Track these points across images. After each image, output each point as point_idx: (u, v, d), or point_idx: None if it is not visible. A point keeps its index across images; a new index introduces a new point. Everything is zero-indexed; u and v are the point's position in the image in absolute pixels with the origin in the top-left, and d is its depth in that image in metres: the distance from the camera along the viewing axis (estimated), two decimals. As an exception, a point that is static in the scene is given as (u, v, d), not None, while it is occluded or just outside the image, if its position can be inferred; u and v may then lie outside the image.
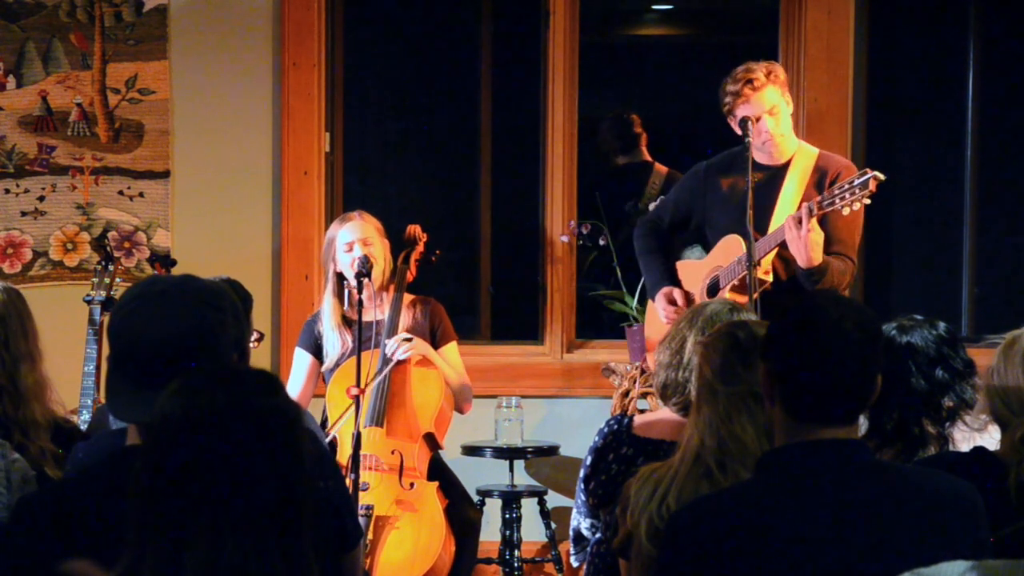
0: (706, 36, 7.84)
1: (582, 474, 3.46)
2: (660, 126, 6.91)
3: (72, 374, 4.80)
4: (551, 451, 5.49)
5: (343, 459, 4.58)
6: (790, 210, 4.74)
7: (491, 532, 5.56)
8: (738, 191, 4.86)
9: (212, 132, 5.85)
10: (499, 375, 5.35)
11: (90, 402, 4.71)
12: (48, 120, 5.83)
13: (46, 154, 5.83)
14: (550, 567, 5.76)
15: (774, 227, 4.74)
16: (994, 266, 6.38)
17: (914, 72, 6.48)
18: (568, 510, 3.78)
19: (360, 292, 4.67)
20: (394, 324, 4.92)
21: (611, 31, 7.65)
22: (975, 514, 2.48)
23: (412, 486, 4.75)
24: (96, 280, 5.02)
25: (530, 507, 5.60)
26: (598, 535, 3.43)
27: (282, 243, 5.85)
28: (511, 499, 5.50)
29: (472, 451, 5.50)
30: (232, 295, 2.47)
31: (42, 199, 5.83)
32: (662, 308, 4.95)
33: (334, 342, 4.98)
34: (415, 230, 5.13)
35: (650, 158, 6.65)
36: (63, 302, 5.58)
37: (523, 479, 5.51)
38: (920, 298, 6.29)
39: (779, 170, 4.86)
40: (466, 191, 6.51)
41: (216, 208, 5.85)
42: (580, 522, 3.52)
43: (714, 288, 4.86)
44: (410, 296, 5.05)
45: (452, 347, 5.05)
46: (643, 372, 5.48)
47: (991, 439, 3.12)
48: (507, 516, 5.48)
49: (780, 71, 4.83)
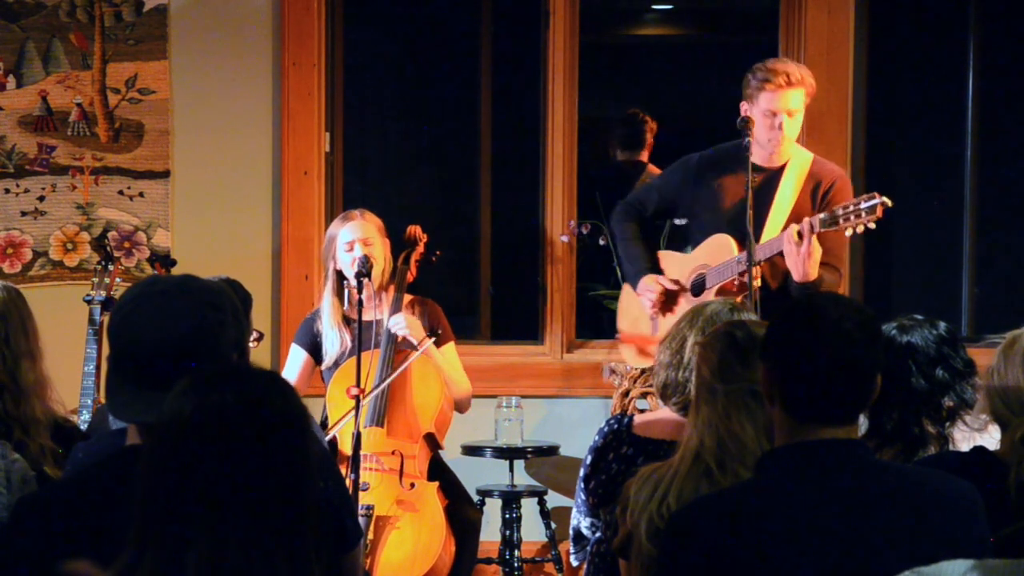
0: (706, 36, 7.85)
1: (582, 473, 3.46)
2: (660, 126, 6.91)
3: (72, 374, 4.79)
4: (551, 451, 5.49)
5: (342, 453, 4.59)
6: (784, 216, 4.74)
7: (491, 532, 5.56)
8: (730, 190, 4.86)
9: (212, 132, 5.85)
10: (499, 375, 5.36)
11: (90, 402, 4.71)
12: (48, 120, 5.83)
13: (46, 154, 5.83)
14: (550, 567, 5.76)
15: (768, 232, 4.74)
16: (994, 266, 6.38)
17: (914, 72, 6.48)
18: (568, 510, 3.78)
19: (360, 292, 4.67)
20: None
21: (611, 31, 7.65)
22: (975, 514, 2.48)
23: (412, 486, 4.75)
24: (96, 280, 5.02)
25: (530, 507, 5.61)
26: (598, 535, 3.43)
27: (282, 243, 5.85)
28: (511, 499, 5.50)
29: (472, 451, 5.50)
30: (232, 295, 2.47)
31: (42, 199, 5.83)
32: (648, 296, 4.91)
33: (333, 341, 4.98)
34: (415, 230, 5.13)
35: (646, 160, 6.66)
36: (63, 302, 5.58)
37: (523, 479, 5.51)
38: (920, 298, 6.29)
39: (775, 173, 4.85)
40: (466, 191, 6.51)
41: (216, 208, 5.85)
42: (580, 521, 3.52)
43: (699, 286, 4.84)
44: (408, 296, 5.05)
45: (451, 347, 5.05)
46: (643, 372, 5.47)
47: (991, 439, 3.12)
48: (507, 516, 5.49)
49: (813, 80, 4.85)
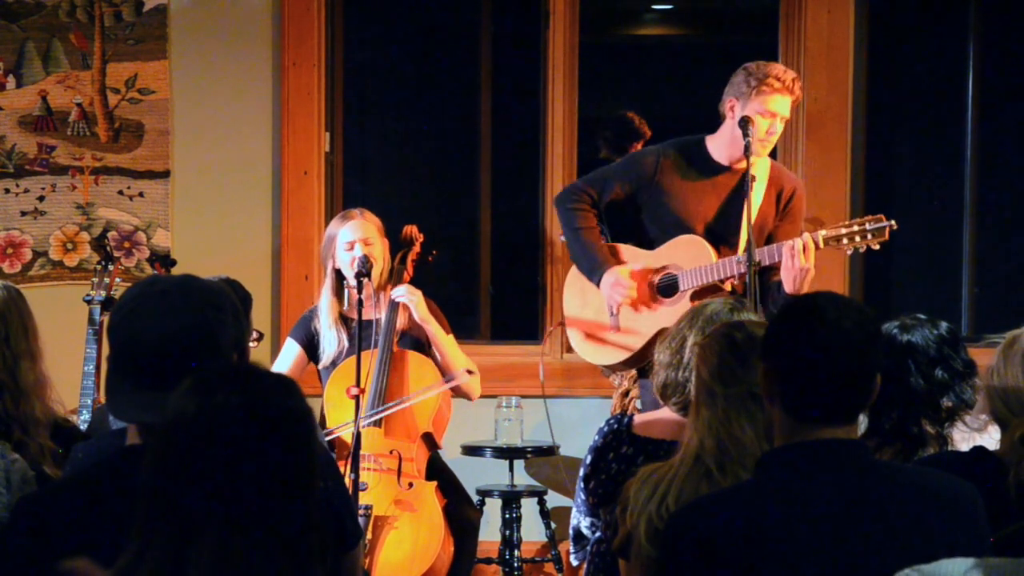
0: (706, 36, 7.83)
1: (582, 473, 3.46)
2: (659, 126, 6.90)
3: (72, 374, 4.79)
4: (551, 451, 5.49)
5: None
6: (752, 220, 4.69)
7: (491, 532, 5.56)
8: (696, 189, 4.82)
9: (212, 132, 5.85)
10: (499, 375, 5.35)
11: (90, 402, 4.72)
12: (48, 120, 5.83)
13: (46, 154, 5.83)
14: (550, 567, 5.76)
15: (743, 237, 4.69)
16: (994, 266, 6.38)
17: (914, 72, 6.48)
18: (568, 510, 3.78)
19: (360, 292, 4.67)
20: (391, 324, 4.92)
21: (611, 31, 7.65)
22: (975, 514, 2.48)
23: (411, 486, 4.75)
24: (96, 280, 5.02)
25: (530, 507, 5.60)
26: (598, 534, 3.43)
27: (282, 243, 5.85)
28: (511, 499, 5.50)
29: (472, 451, 5.50)
30: (232, 295, 2.47)
31: (42, 199, 5.83)
32: (626, 292, 4.76)
33: (331, 340, 4.98)
34: (412, 230, 5.13)
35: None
36: (63, 302, 5.58)
37: (523, 479, 5.51)
38: (920, 298, 6.29)
39: (743, 176, 4.77)
40: (466, 191, 6.51)
41: (216, 208, 5.85)
42: (580, 521, 3.52)
43: (671, 287, 4.78)
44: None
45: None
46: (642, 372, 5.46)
47: (991, 439, 3.12)
48: (507, 516, 5.49)
49: (801, 90, 4.83)
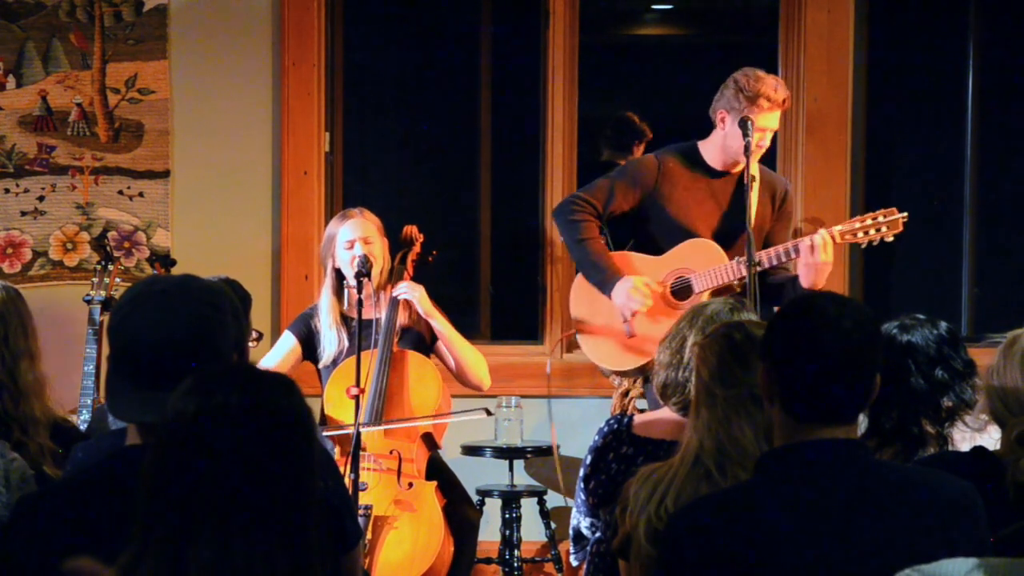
0: (706, 36, 7.83)
1: (582, 473, 3.46)
2: (659, 126, 6.90)
3: (72, 374, 4.80)
4: (551, 451, 5.49)
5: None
6: (752, 222, 4.76)
7: (491, 532, 5.56)
8: (696, 194, 4.90)
9: (212, 132, 5.85)
10: (499, 375, 5.35)
11: (90, 402, 4.72)
12: (48, 120, 5.83)
13: (46, 154, 5.83)
14: (550, 567, 5.76)
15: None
16: (994, 266, 6.38)
17: (914, 72, 6.48)
18: (568, 510, 3.78)
19: (360, 292, 4.67)
20: (391, 323, 4.92)
21: (611, 31, 7.64)
22: (975, 514, 2.48)
23: (410, 486, 4.75)
24: (96, 280, 5.03)
25: (530, 507, 5.60)
26: (598, 534, 3.43)
27: (282, 243, 5.85)
28: (511, 499, 5.50)
29: (472, 451, 5.50)
30: (232, 295, 2.47)
31: (42, 199, 5.83)
32: (642, 301, 4.79)
33: (332, 339, 4.99)
34: (411, 231, 5.13)
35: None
36: (63, 302, 5.58)
37: (523, 479, 5.51)
38: (920, 298, 6.29)
39: (740, 179, 4.87)
40: (466, 191, 6.51)
41: (216, 208, 5.85)
42: (580, 521, 3.52)
43: (685, 290, 4.83)
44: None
45: None
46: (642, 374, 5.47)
47: (991, 439, 3.12)
48: (507, 516, 5.49)
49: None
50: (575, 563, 3.65)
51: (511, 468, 5.54)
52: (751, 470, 2.62)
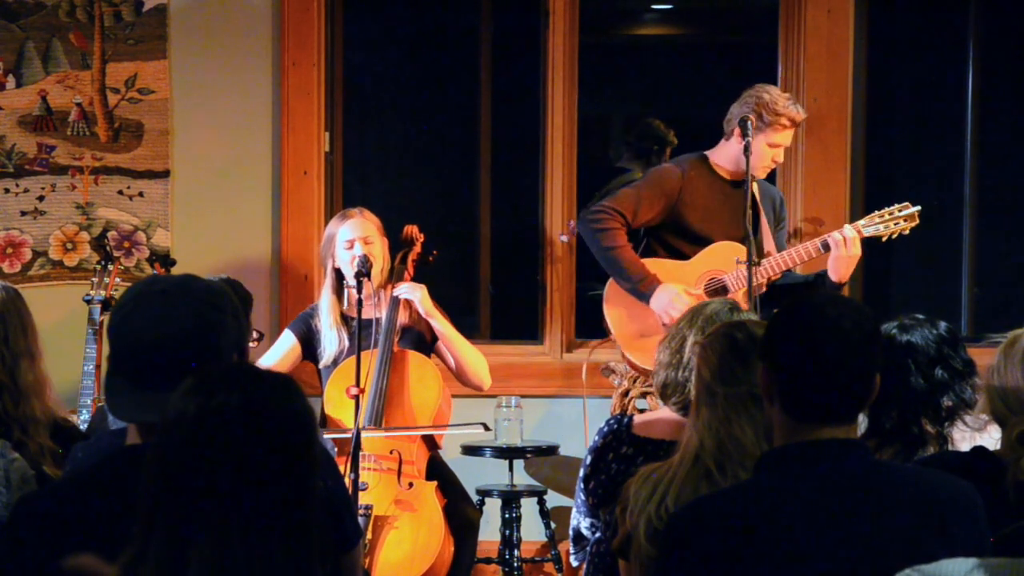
0: (706, 36, 7.83)
1: (582, 474, 3.46)
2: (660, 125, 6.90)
3: (72, 374, 4.80)
4: (550, 451, 5.49)
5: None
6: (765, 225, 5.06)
7: (491, 532, 5.56)
8: (713, 203, 5.07)
9: (212, 132, 5.85)
10: (498, 375, 5.35)
11: (90, 402, 4.72)
12: (48, 120, 5.82)
13: (46, 154, 5.83)
14: (550, 567, 5.76)
15: (765, 246, 5.04)
16: (994, 266, 6.38)
17: (914, 72, 6.48)
18: (568, 510, 3.78)
19: (359, 292, 4.67)
20: (391, 323, 4.92)
21: (611, 31, 7.64)
22: (975, 514, 2.48)
23: (411, 486, 4.75)
24: (96, 280, 5.02)
25: (530, 507, 5.60)
26: (598, 535, 3.43)
27: (282, 243, 5.84)
28: (511, 499, 5.50)
29: (472, 451, 5.50)
30: (232, 295, 2.47)
31: (42, 199, 5.83)
32: (679, 307, 4.86)
33: (332, 339, 4.99)
34: (412, 230, 5.13)
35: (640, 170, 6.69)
36: (63, 302, 5.58)
37: (523, 479, 5.51)
38: (920, 298, 6.29)
39: (740, 184, 5.03)
40: (466, 191, 6.51)
41: (216, 208, 5.85)
42: (580, 522, 3.52)
43: (719, 292, 4.99)
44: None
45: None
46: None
47: (991, 439, 3.12)
48: (507, 516, 5.48)
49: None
50: (575, 563, 3.65)
51: (511, 468, 5.54)
52: (751, 469, 2.62)
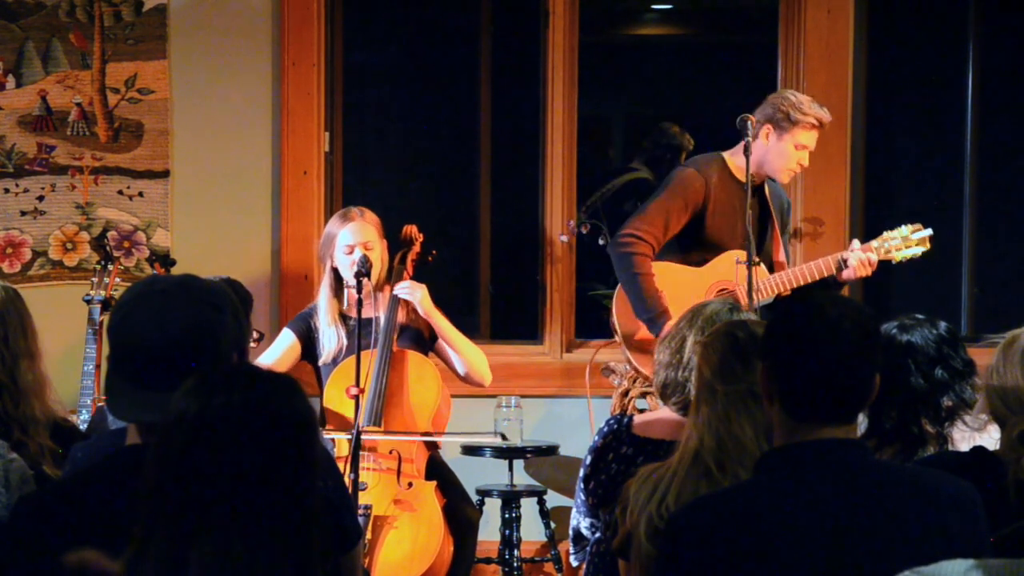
0: (706, 36, 7.84)
1: (582, 474, 3.46)
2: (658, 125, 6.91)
3: (72, 374, 4.80)
4: (550, 451, 5.48)
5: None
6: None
7: (490, 532, 5.56)
8: (730, 209, 5.06)
9: (212, 132, 5.85)
10: (498, 375, 5.35)
11: (90, 402, 4.72)
12: (48, 120, 5.82)
13: (45, 154, 5.83)
14: (550, 567, 5.76)
15: (779, 251, 5.10)
16: (994, 266, 6.38)
17: (914, 72, 6.48)
18: (568, 510, 3.78)
19: (359, 292, 4.67)
20: (390, 323, 4.92)
21: (611, 31, 7.65)
22: (975, 514, 2.48)
23: (410, 485, 4.75)
24: (95, 280, 5.02)
25: (530, 507, 5.60)
26: (598, 535, 3.43)
27: (281, 243, 5.84)
28: (510, 499, 5.50)
29: (472, 451, 5.50)
30: (232, 295, 2.47)
31: (41, 199, 5.83)
32: None
33: (331, 338, 4.99)
34: (411, 230, 5.13)
35: (650, 175, 6.69)
36: (62, 302, 5.58)
37: (523, 479, 5.51)
38: (920, 298, 6.29)
39: (759, 189, 5.12)
40: (466, 191, 6.51)
41: (216, 208, 5.85)
42: (580, 522, 3.52)
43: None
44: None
45: None
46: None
47: (991, 439, 3.12)
48: (506, 516, 5.48)
49: None
50: (575, 563, 3.65)
51: (511, 468, 5.54)
52: (751, 468, 2.62)
